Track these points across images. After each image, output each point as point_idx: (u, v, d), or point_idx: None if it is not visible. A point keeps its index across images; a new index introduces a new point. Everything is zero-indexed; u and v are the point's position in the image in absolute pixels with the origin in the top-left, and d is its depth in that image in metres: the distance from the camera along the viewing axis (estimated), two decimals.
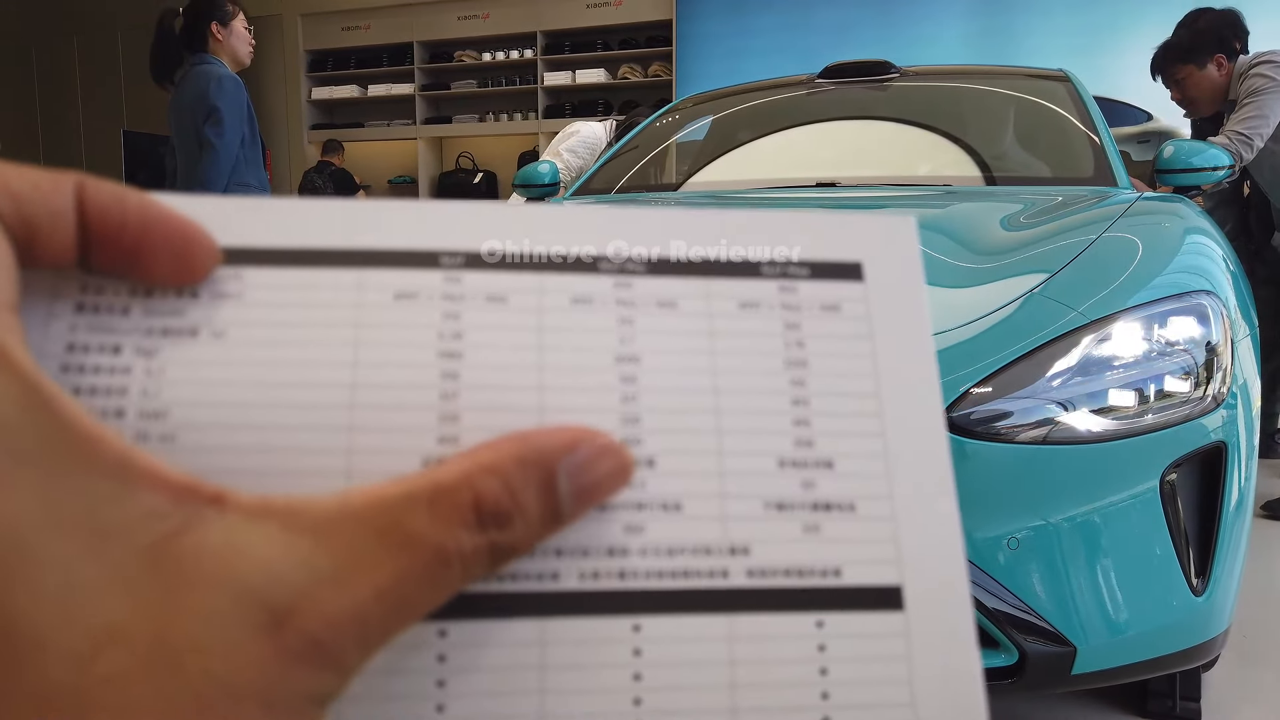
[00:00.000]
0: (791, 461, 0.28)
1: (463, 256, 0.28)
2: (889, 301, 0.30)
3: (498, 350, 0.28)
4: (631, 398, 0.28)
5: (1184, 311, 1.45)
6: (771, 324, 0.29)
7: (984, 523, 1.29)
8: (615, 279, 0.29)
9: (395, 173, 9.04)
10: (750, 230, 0.31)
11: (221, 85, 3.24)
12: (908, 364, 0.30)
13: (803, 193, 2.41)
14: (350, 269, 0.28)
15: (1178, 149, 2.54)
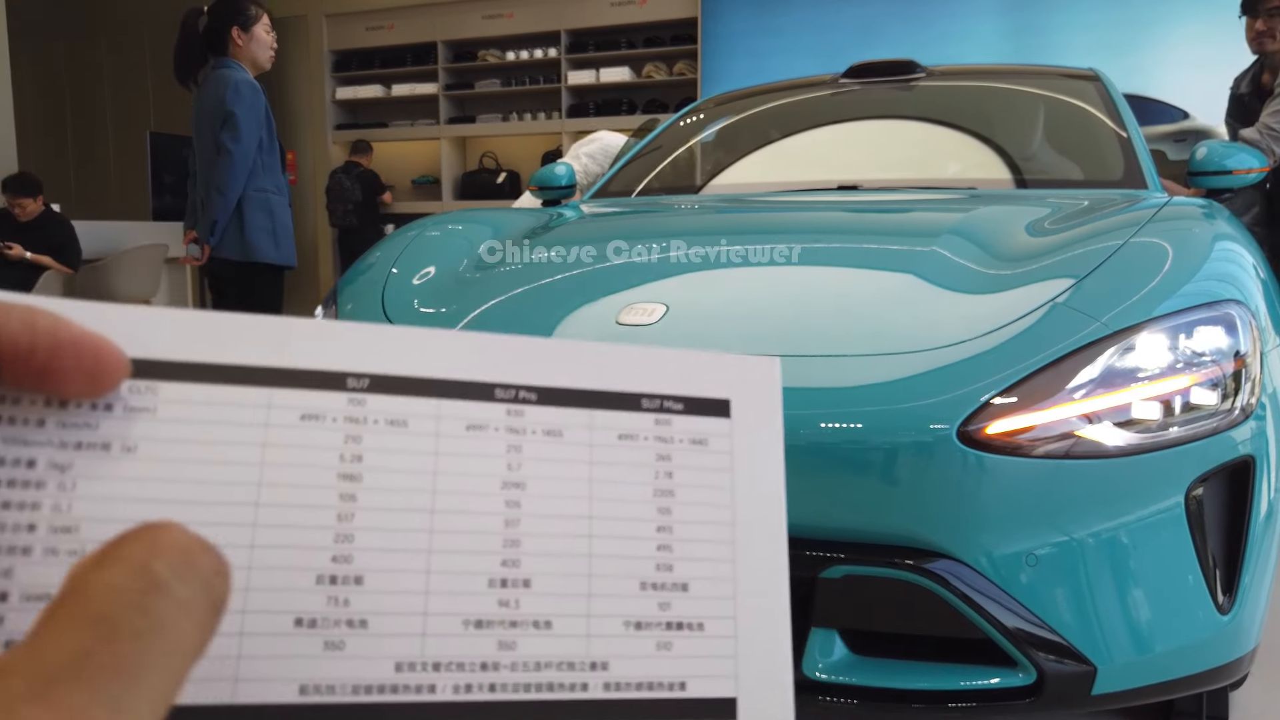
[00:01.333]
0: (652, 584, 0.31)
1: (368, 379, 0.30)
2: (751, 438, 0.33)
3: (394, 474, 0.29)
4: (515, 522, 0.30)
5: (1211, 321, 1.40)
6: (645, 455, 0.32)
7: (1003, 539, 1.26)
8: (508, 407, 0.31)
9: (419, 173, 9.06)
10: (635, 364, 0.33)
11: (239, 91, 3.25)
12: (761, 496, 0.33)
13: (825, 195, 2.38)
14: (260, 387, 0.29)
15: (1210, 151, 2.48)
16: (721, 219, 2.22)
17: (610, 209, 2.47)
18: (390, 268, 1.93)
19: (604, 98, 8.24)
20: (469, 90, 8.66)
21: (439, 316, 1.70)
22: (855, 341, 1.40)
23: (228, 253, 3.31)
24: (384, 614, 0.28)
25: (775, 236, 1.96)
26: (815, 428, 1.27)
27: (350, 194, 8.23)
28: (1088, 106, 2.76)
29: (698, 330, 1.49)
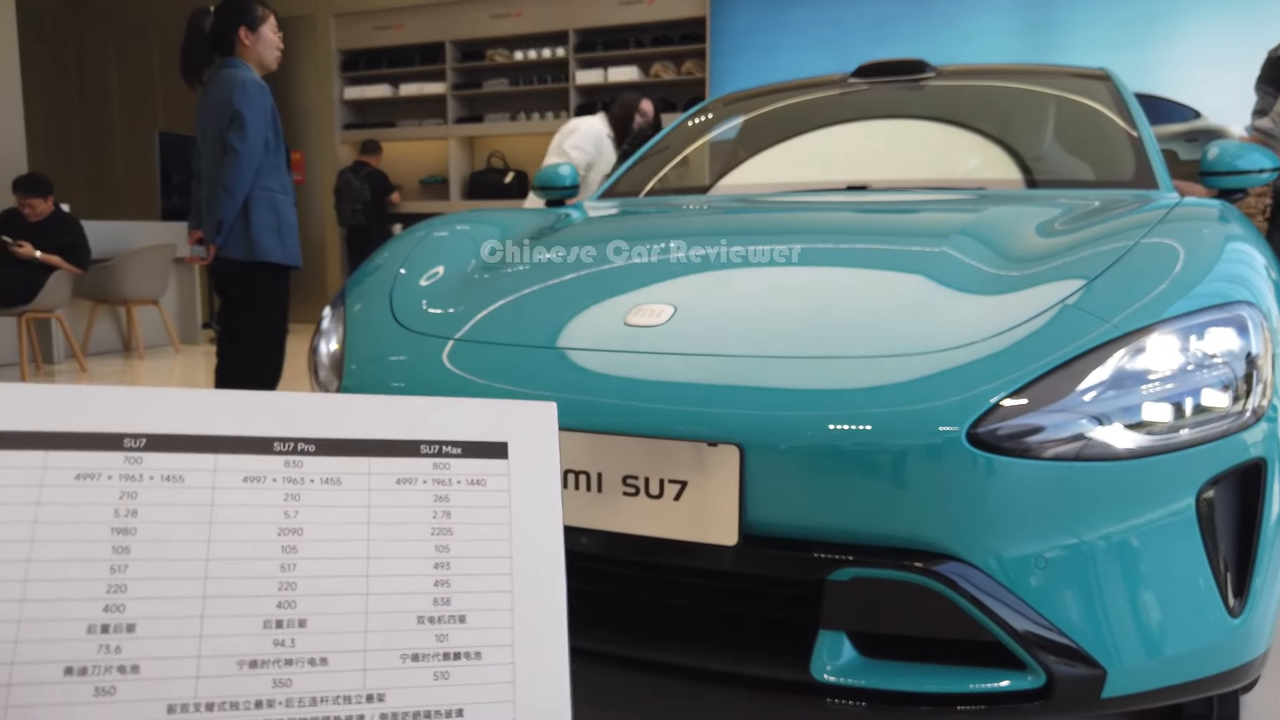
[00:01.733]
0: (430, 617, 0.33)
1: (145, 438, 0.32)
2: (528, 476, 0.35)
3: (169, 526, 0.31)
4: (291, 566, 0.31)
5: (1222, 323, 1.39)
6: (423, 497, 0.34)
7: (1012, 541, 1.26)
8: (286, 459, 0.33)
9: (426, 172, 9.08)
10: (415, 413, 0.36)
11: (245, 90, 3.26)
12: (539, 531, 0.35)
13: (833, 195, 2.38)
14: (36, 450, 0.30)
15: (1223, 151, 2.46)
16: (729, 219, 2.21)
17: (618, 209, 2.47)
18: (398, 269, 1.93)
19: (612, 97, 8.22)
20: (477, 90, 8.67)
21: (447, 317, 1.70)
22: (863, 342, 1.39)
23: (234, 252, 3.31)
24: (156, 659, 0.29)
25: (783, 237, 1.95)
26: (823, 430, 1.27)
27: (358, 194, 8.24)
28: (1098, 106, 2.75)
29: (705, 331, 1.48)
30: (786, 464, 1.28)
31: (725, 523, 1.30)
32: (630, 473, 1.34)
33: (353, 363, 1.68)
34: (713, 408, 1.33)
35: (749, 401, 1.32)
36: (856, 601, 1.29)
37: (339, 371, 1.69)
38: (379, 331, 1.72)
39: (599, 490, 1.36)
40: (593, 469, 1.36)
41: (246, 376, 3.42)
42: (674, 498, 1.32)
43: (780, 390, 1.33)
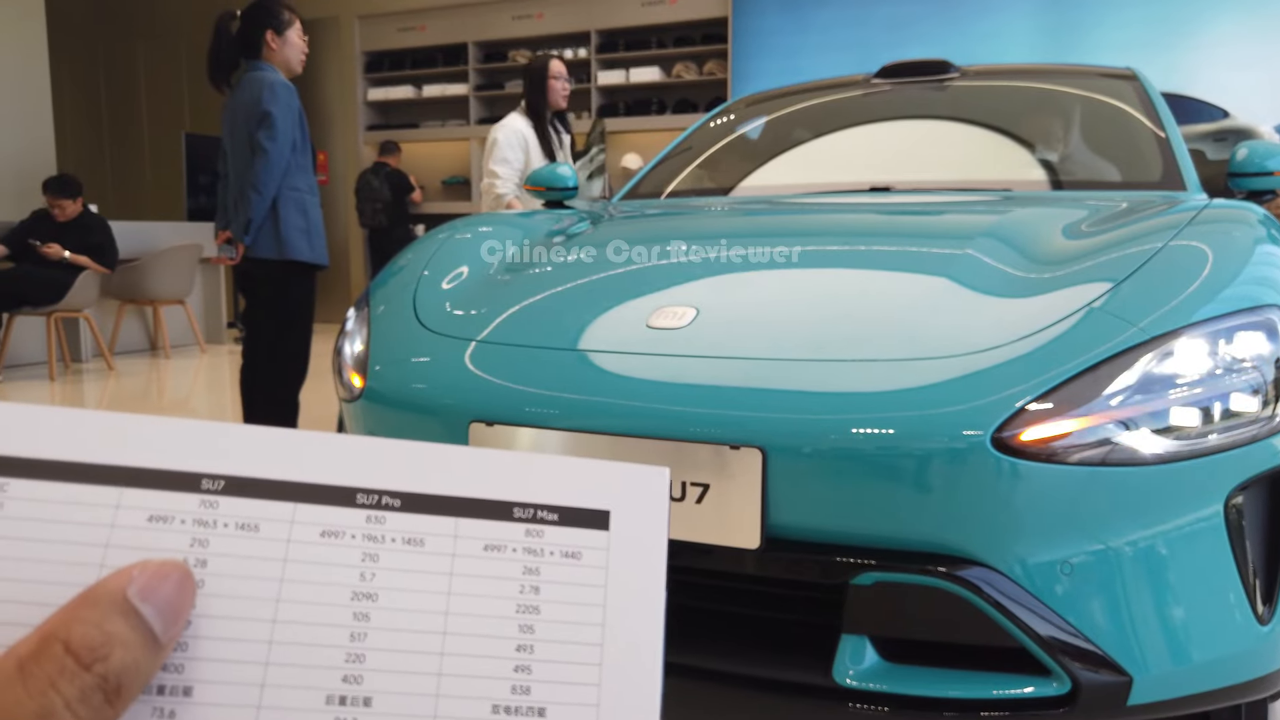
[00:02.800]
0: (505, 707, 0.29)
1: (224, 480, 0.29)
2: (630, 553, 0.31)
3: (238, 580, 0.29)
4: (361, 636, 0.28)
5: (1252, 327, 1.38)
6: (512, 568, 0.30)
7: (1037, 547, 1.25)
8: (369, 514, 0.30)
9: (449, 173, 9.12)
10: (510, 470, 0.32)
11: (275, 92, 3.29)
12: (638, 617, 0.31)
13: (856, 197, 2.37)
14: (110, 486, 0.29)
15: (1252, 151, 2.43)
16: (751, 221, 2.21)
17: (638, 211, 2.47)
18: (422, 270, 1.94)
19: (634, 98, 8.24)
20: (499, 91, 8.70)
21: (470, 319, 1.70)
22: (887, 345, 1.39)
23: (263, 252, 3.34)
24: None
25: (805, 239, 1.95)
26: (846, 433, 1.26)
27: (379, 194, 8.30)
28: (1125, 106, 2.73)
29: (727, 334, 1.48)
30: (809, 467, 1.28)
31: (748, 526, 1.30)
32: None
33: (377, 364, 1.69)
34: (735, 410, 1.32)
35: (771, 404, 1.32)
36: (880, 606, 1.29)
37: (364, 372, 1.70)
38: (403, 333, 1.73)
39: None
40: None
41: (272, 376, 3.45)
42: (696, 500, 1.32)
43: (802, 393, 1.32)
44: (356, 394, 1.69)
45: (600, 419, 1.38)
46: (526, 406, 1.45)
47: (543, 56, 4.39)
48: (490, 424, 1.45)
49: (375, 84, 9.24)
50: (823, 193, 2.48)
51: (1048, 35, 6.67)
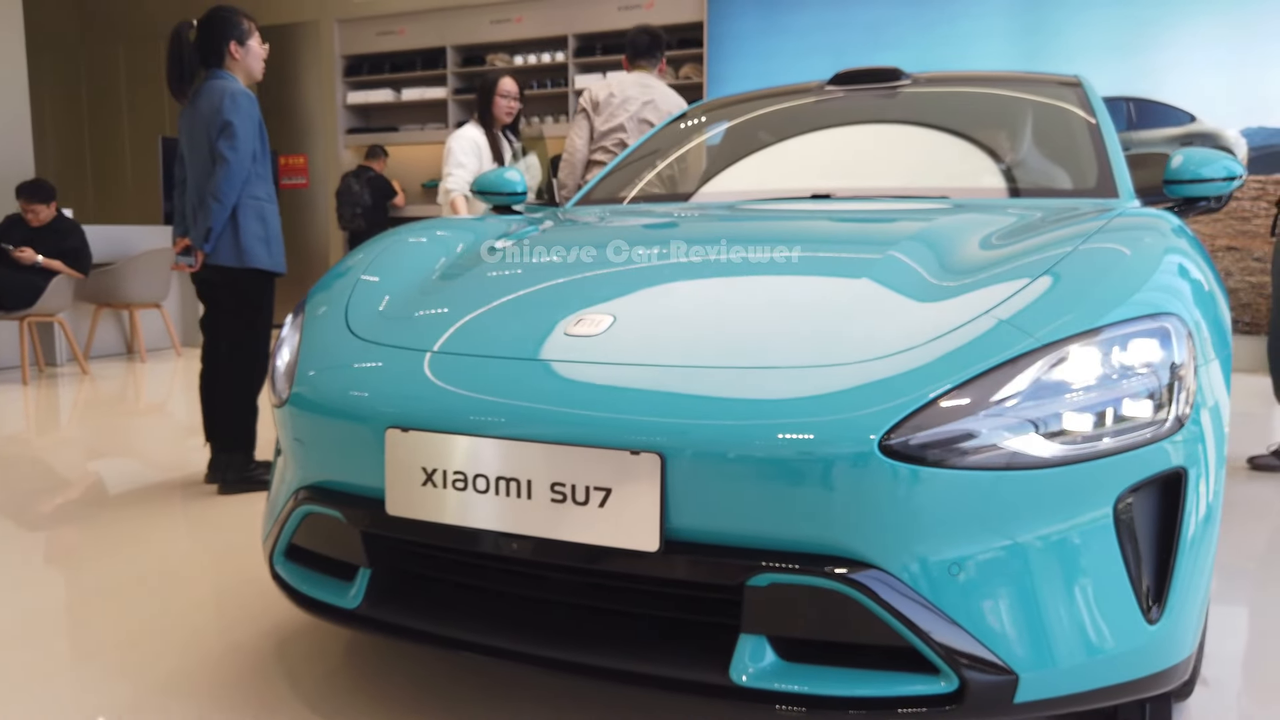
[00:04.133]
0: None
1: None
2: None
3: None
4: None
5: (1146, 334, 1.41)
6: None
7: (927, 549, 1.28)
8: None
9: (428, 176, 9.13)
10: None
11: (236, 101, 3.32)
12: None
13: (793, 204, 2.40)
14: None
15: (1186, 159, 2.47)
16: (685, 229, 2.24)
17: (579, 218, 2.51)
18: (359, 276, 1.97)
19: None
20: None
21: (396, 326, 1.73)
22: (790, 352, 1.42)
23: (223, 259, 3.37)
24: None
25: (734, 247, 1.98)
26: (740, 439, 1.30)
27: (358, 198, 8.32)
28: (1066, 115, 2.77)
29: (640, 341, 1.51)
30: (706, 472, 1.31)
31: (647, 529, 1.33)
32: (558, 480, 1.37)
33: (304, 370, 1.72)
34: (634, 416, 1.36)
35: (670, 410, 1.35)
36: (775, 607, 1.32)
37: (291, 379, 1.73)
38: (332, 340, 1.75)
39: (528, 497, 1.39)
40: (522, 476, 1.40)
41: (231, 381, 3.47)
42: (599, 504, 1.35)
43: (701, 400, 1.36)
44: (283, 400, 1.72)
45: (507, 425, 1.41)
46: (440, 413, 1.48)
47: (495, 73, 4.61)
48: (405, 430, 1.48)
49: (354, 87, 9.26)
50: (765, 199, 2.52)
51: (1021, 38, 6.72)
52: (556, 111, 8.42)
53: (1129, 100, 6.41)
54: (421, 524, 1.48)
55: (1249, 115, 6.08)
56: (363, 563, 1.62)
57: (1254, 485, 3.49)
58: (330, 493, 1.63)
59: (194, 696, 1.83)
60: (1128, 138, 6.43)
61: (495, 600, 1.58)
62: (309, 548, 1.73)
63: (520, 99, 4.60)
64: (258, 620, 2.19)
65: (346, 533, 1.61)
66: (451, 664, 1.92)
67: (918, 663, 1.31)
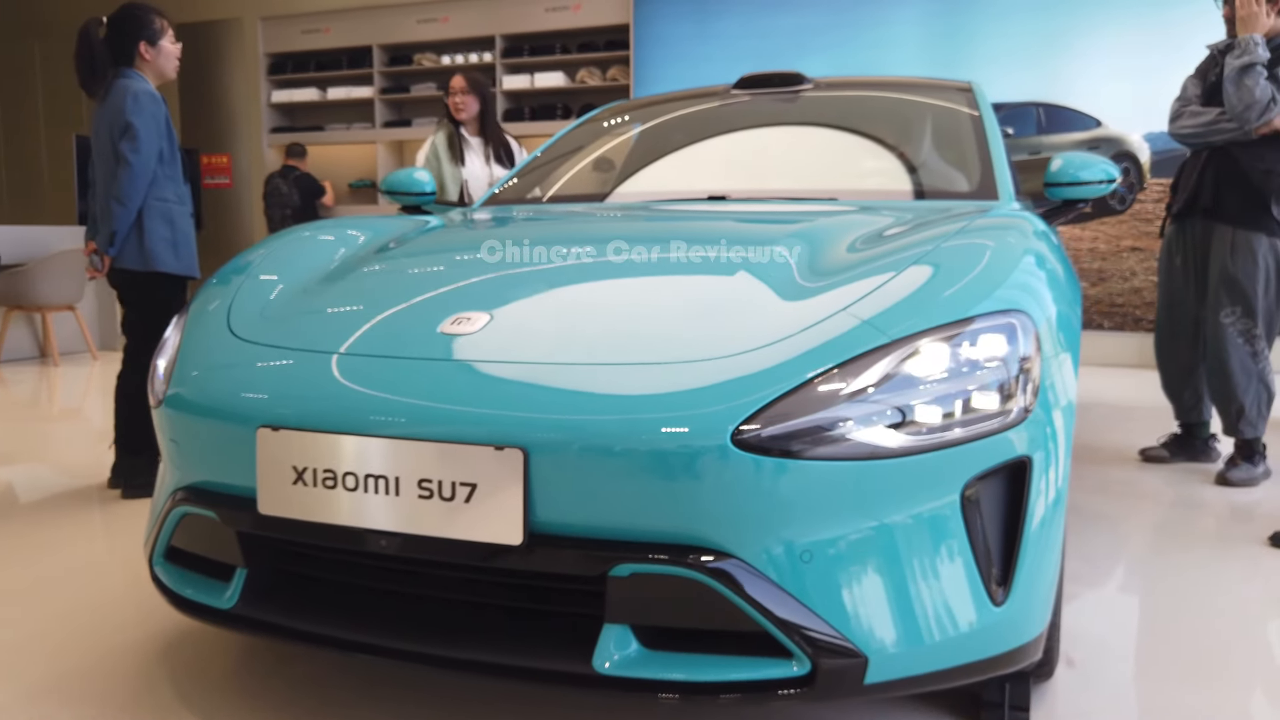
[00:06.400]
0: None
1: None
2: None
3: None
4: None
5: (994, 330, 1.48)
6: None
7: (779, 537, 1.33)
8: None
9: (355, 175, 9.05)
10: None
11: (139, 101, 3.26)
12: None
13: (684, 205, 2.45)
14: None
15: (1066, 162, 2.58)
16: (575, 230, 2.27)
17: (478, 219, 2.53)
18: (247, 274, 1.97)
19: (539, 102, 8.28)
20: (405, 94, 8.66)
21: (275, 326, 1.74)
22: (653, 349, 1.46)
23: (128, 263, 3.32)
24: None
25: (618, 248, 2.03)
26: (599, 433, 1.33)
27: (288, 199, 8.21)
28: (955, 119, 2.86)
29: (511, 339, 1.54)
30: (567, 467, 1.34)
31: (511, 523, 1.36)
32: (425, 476, 1.40)
33: (181, 370, 1.71)
34: (499, 412, 1.39)
35: (533, 407, 1.38)
36: (635, 596, 1.36)
37: (170, 379, 1.72)
38: (212, 340, 1.75)
39: (396, 494, 1.41)
40: (391, 473, 1.41)
41: (142, 384, 3.41)
42: (465, 500, 1.38)
43: (563, 396, 1.39)
44: (160, 401, 1.71)
45: (375, 423, 1.43)
46: (310, 411, 1.49)
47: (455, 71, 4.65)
48: (276, 429, 1.49)
49: (279, 86, 9.12)
50: (661, 201, 2.56)
51: (938, 44, 6.89)
52: None
53: (1039, 105, 6.61)
54: (293, 523, 1.49)
55: (1152, 121, 6.32)
56: (239, 563, 1.62)
57: (1143, 475, 3.64)
58: (206, 493, 1.63)
59: (70, 702, 1.81)
60: (1038, 141, 6.63)
61: (370, 597, 1.60)
62: (187, 549, 1.73)
63: (472, 91, 4.53)
64: (145, 624, 2.16)
65: (222, 533, 1.61)
66: (338, 665, 1.93)
67: (774, 647, 1.36)
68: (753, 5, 7.34)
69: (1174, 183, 3.70)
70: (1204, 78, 3.52)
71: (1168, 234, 3.70)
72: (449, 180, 4.21)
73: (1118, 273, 6.45)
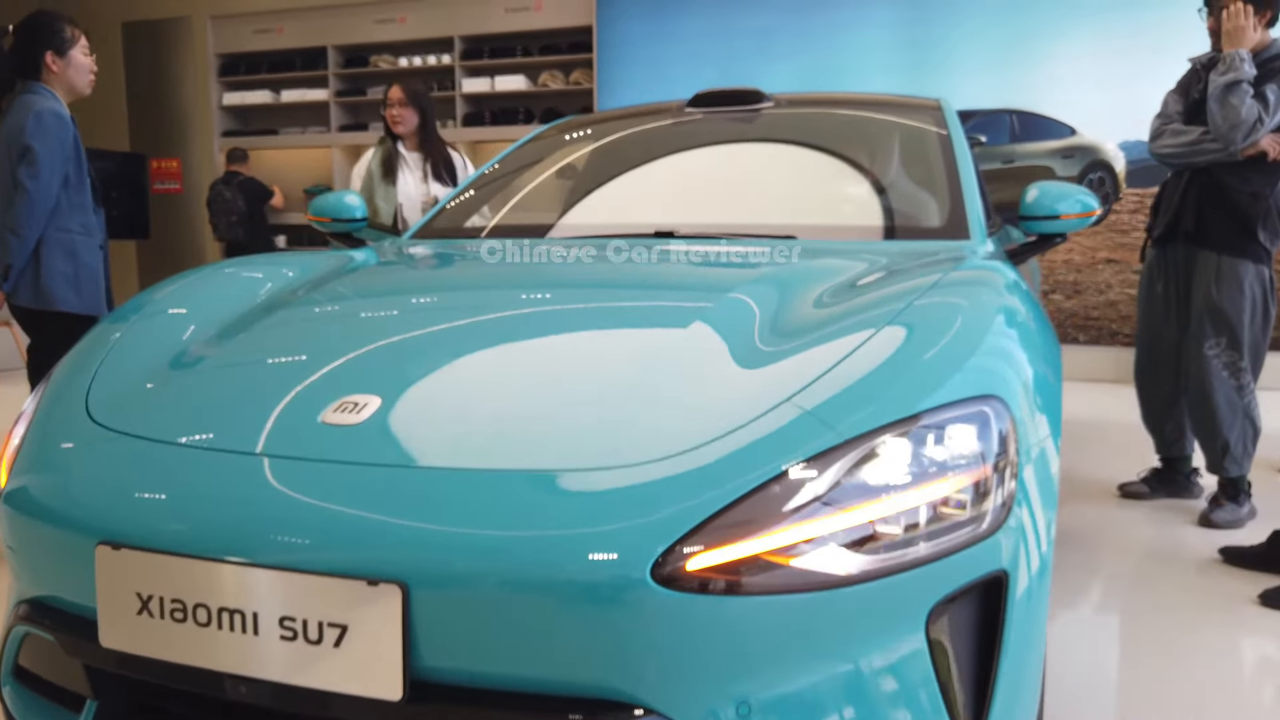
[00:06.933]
0: None
1: None
2: None
3: None
4: None
5: (962, 420, 1.28)
6: None
7: (712, 688, 1.11)
8: None
9: (311, 180, 8.74)
10: None
11: (40, 122, 2.95)
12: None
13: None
14: None
15: (1042, 193, 2.37)
16: (501, 277, 2.05)
17: (397, 259, 2.29)
18: (125, 332, 1.73)
19: (500, 106, 8.02)
20: (361, 96, 8.37)
21: (137, 407, 1.49)
22: (566, 450, 1.24)
23: (23, 300, 3.03)
24: None
25: (545, 301, 1.80)
26: (496, 565, 1.11)
27: (232, 205, 7.90)
28: (923, 145, 2.66)
29: (401, 433, 1.31)
30: (454, 603, 1.12)
31: (388, 674, 1.13)
32: (288, 614, 1.16)
33: (27, 461, 1.46)
34: (374, 538, 1.15)
35: (413, 532, 1.15)
36: None
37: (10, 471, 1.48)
38: (64, 424, 1.50)
39: (255, 633, 1.18)
40: (248, 608, 1.18)
41: None
42: (334, 644, 1.15)
43: (450, 512, 1.16)
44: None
45: (230, 545, 1.20)
46: (155, 527, 1.25)
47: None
48: (117, 547, 1.25)
49: (231, 88, 8.80)
50: (603, 236, 2.33)
51: (908, 47, 6.70)
52: (444, 115, 8.11)
53: (1013, 113, 6.43)
54: (139, 659, 1.25)
55: (1127, 129, 6.16)
56: (88, 694, 1.38)
57: (1122, 514, 3.46)
58: (49, 610, 1.38)
59: None
60: (1011, 150, 6.46)
61: None
62: (34, 671, 1.48)
63: (411, 104, 4.02)
64: None
65: (66, 658, 1.37)
66: None
67: None
68: (717, 7, 7.12)
69: (1154, 204, 3.51)
70: (1186, 93, 3.34)
71: (1148, 259, 3.52)
72: (381, 200, 3.89)
73: (1093, 285, 6.29)
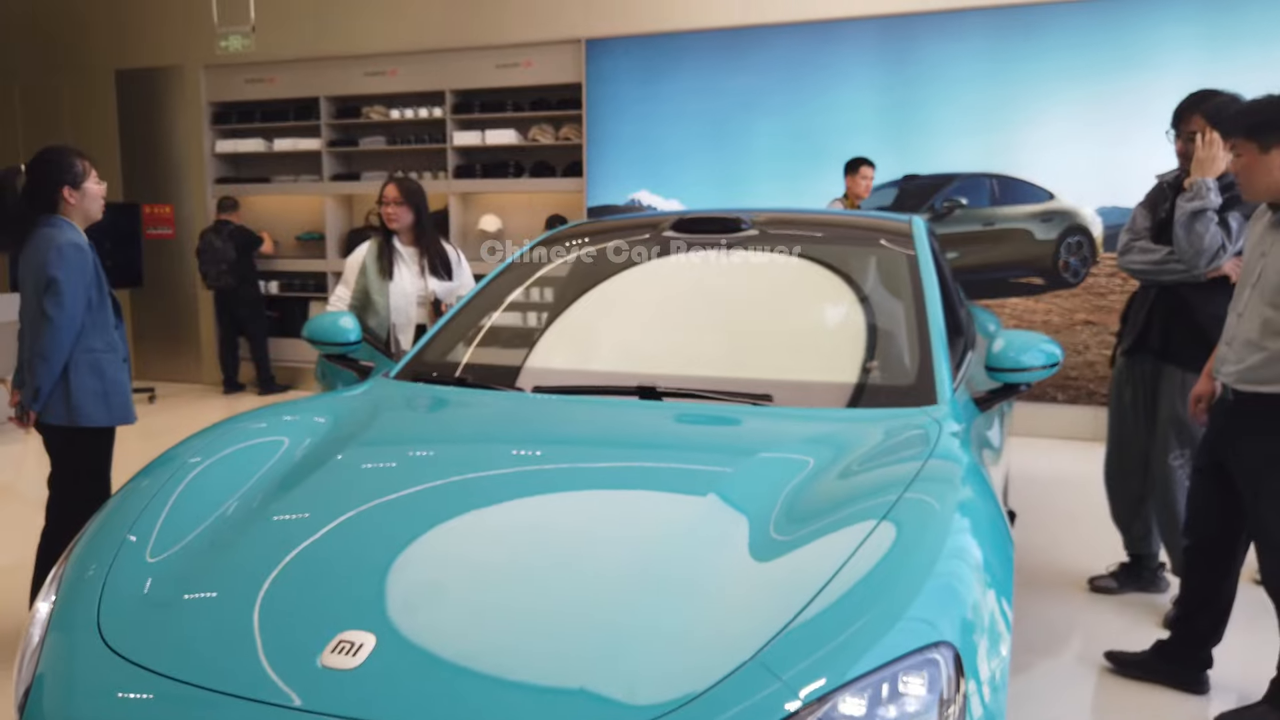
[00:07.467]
0: None
1: None
2: None
3: None
4: None
5: (914, 669, 1.37)
6: None
7: None
8: None
9: (304, 228, 8.83)
10: None
11: (62, 255, 3.09)
12: None
13: (621, 413, 2.30)
14: None
15: (1008, 344, 2.48)
16: (487, 460, 2.12)
17: (385, 412, 2.39)
18: (126, 536, 1.80)
19: (490, 159, 8.13)
20: (353, 147, 8.46)
21: (151, 628, 1.57)
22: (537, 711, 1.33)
23: (54, 419, 3.18)
24: None
25: (535, 492, 1.91)
26: None
27: (222, 254, 7.99)
28: (894, 278, 2.76)
29: (397, 683, 1.39)
30: None
31: None
32: None
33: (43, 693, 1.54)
34: None
35: None
36: None
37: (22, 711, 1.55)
38: (76, 649, 1.56)
39: None
40: None
41: (62, 537, 3.25)
42: None
43: None
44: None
45: None
46: None
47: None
48: None
49: (224, 135, 8.88)
50: (587, 390, 2.41)
51: (888, 114, 6.81)
52: (436, 167, 8.22)
53: (992, 177, 6.56)
54: None
55: (1104, 195, 6.29)
56: None
57: (1090, 612, 3.57)
58: None
59: None
60: (991, 213, 6.58)
61: None
62: None
63: (406, 202, 4.02)
64: None
65: None
66: None
67: None
68: (704, 66, 7.24)
69: (1123, 314, 3.64)
70: (1154, 210, 3.46)
71: (1118, 368, 3.64)
72: (377, 295, 3.98)
73: (1071, 346, 6.41)
